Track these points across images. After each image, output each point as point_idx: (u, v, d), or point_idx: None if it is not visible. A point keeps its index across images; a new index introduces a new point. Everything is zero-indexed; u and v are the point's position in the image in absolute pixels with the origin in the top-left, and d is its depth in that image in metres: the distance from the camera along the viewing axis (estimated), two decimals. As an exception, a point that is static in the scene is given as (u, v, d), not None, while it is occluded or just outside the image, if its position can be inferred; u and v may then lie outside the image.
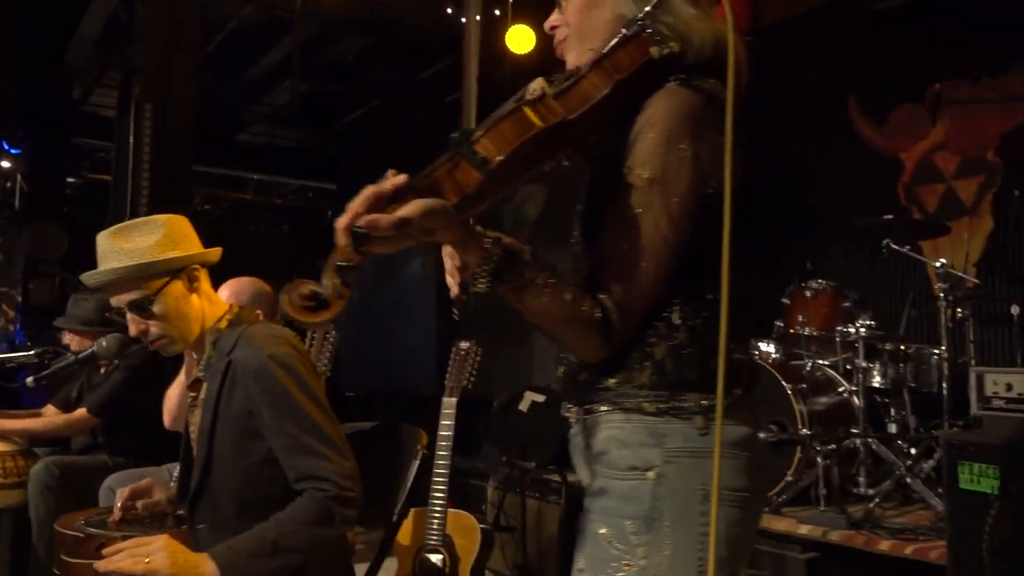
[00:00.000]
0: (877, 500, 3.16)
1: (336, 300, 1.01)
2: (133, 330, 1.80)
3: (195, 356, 1.87)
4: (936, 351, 3.34)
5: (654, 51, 1.12)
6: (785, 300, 3.74)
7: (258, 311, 3.12)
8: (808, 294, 3.61)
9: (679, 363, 1.11)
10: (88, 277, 1.79)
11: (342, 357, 6.97)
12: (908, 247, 3.38)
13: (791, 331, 3.62)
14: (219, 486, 1.76)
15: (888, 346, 3.51)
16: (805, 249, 4.37)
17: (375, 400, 6.32)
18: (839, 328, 3.49)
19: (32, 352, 2.12)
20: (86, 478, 3.30)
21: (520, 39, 5.33)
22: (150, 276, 1.77)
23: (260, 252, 13.23)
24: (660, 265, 1.08)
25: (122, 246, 1.76)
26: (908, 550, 2.75)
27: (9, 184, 8.77)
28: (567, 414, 1.26)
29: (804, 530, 3.05)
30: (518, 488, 3.85)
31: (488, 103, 6.58)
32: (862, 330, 3.38)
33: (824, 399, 3.55)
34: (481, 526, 2.59)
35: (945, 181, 4.56)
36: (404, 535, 2.60)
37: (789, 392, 3.34)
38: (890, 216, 3.41)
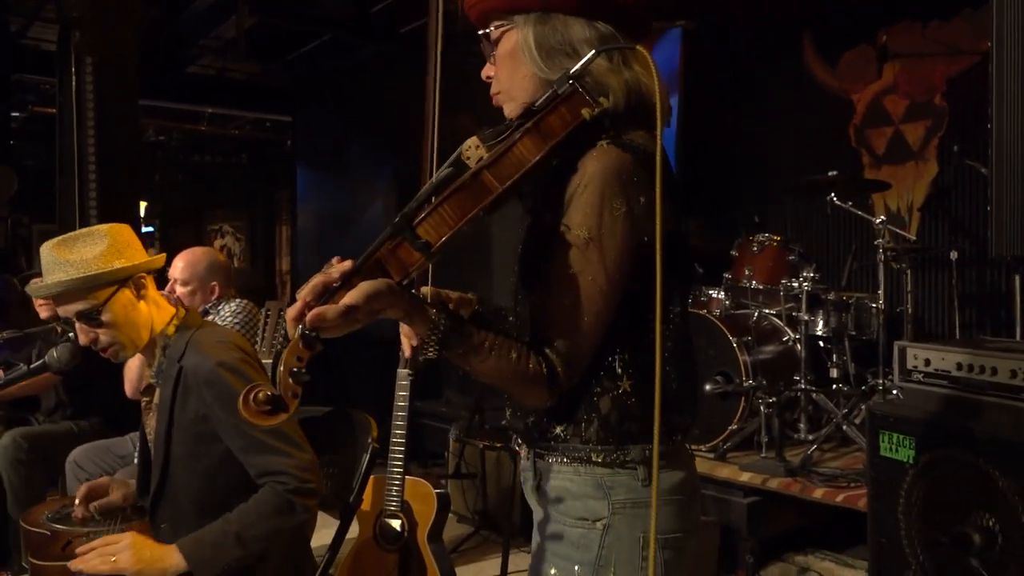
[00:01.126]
0: (815, 446, 3.34)
1: (291, 400, 1.06)
2: (83, 339, 1.83)
3: (146, 361, 1.92)
4: (875, 304, 3.48)
5: (586, 113, 1.14)
6: (733, 252, 3.84)
7: (214, 282, 3.15)
8: (755, 248, 3.71)
9: (623, 415, 1.19)
10: (35, 290, 1.81)
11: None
12: (851, 203, 3.47)
13: (739, 283, 3.74)
14: (178, 487, 1.84)
15: (831, 296, 3.65)
16: (753, 202, 4.45)
17: (339, 343, 6.39)
18: (784, 281, 3.61)
19: None
20: (54, 446, 3.38)
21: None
22: (97, 286, 1.79)
23: (220, 182, 13.01)
24: (599, 317, 1.15)
25: (67, 258, 1.78)
26: (839, 498, 2.95)
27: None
28: (517, 448, 1.35)
29: (745, 477, 3.24)
30: (478, 437, 3.99)
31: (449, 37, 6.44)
32: (806, 284, 3.50)
33: (769, 348, 3.70)
34: (437, 491, 2.72)
35: (893, 124, 4.63)
36: (364, 501, 2.72)
37: (734, 345, 3.48)
38: (834, 172, 3.49)
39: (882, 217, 3.36)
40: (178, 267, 3.09)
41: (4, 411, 3.63)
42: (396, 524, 2.67)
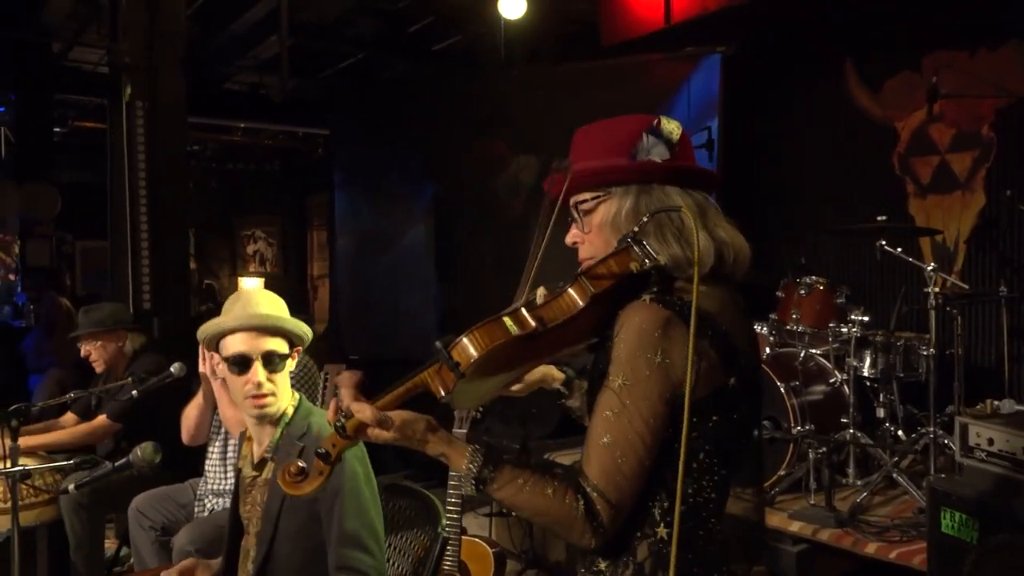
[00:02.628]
0: (865, 494, 3.33)
1: (316, 476, 1.21)
2: (252, 377, 1.91)
3: (263, 432, 1.99)
4: (925, 350, 3.45)
5: (633, 266, 1.22)
6: (779, 293, 3.83)
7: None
8: (802, 291, 3.69)
9: (657, 563, 1.23)
10: (244, 317, 1.93)
11: (344, 321, 7.07)
12: (900, 249, 3.45)
13: (785, 326, 3.73)
14: (281, 564, 1.90)
15: (879, 337, 3.62)
16: (798, 242, 4.43)
17: (377, 365, 6.46)
18: (831, 326, 3.59)
19: (73, 461, 2.22)
20: (114, 490, 3.44)
21: (512, 5, 5.23)
22: (290, 337, 1.96)
23: (252, 189, 13.13)
24: (638, 461, 1.19)
25: (267, 307, 1.96)
26: (892, 554, 2.93)
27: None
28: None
29: (795, 527, 3.24)
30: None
31: (483, 60, 6.48)
32: (855, 329, 3.48)
33: (817, 389, 3.69)
34: (494, 551, 2.76)
35: (939, 154, 4.58)
36: (422, 560, 2.77)
37: (783, 391, 3.47)
38: (883, 217, 3.47)
39: (933, 264, 3.33)
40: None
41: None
42: (454, 582, 2.71)
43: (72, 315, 7.32)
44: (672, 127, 1.33)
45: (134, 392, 2.88)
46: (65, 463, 2.19)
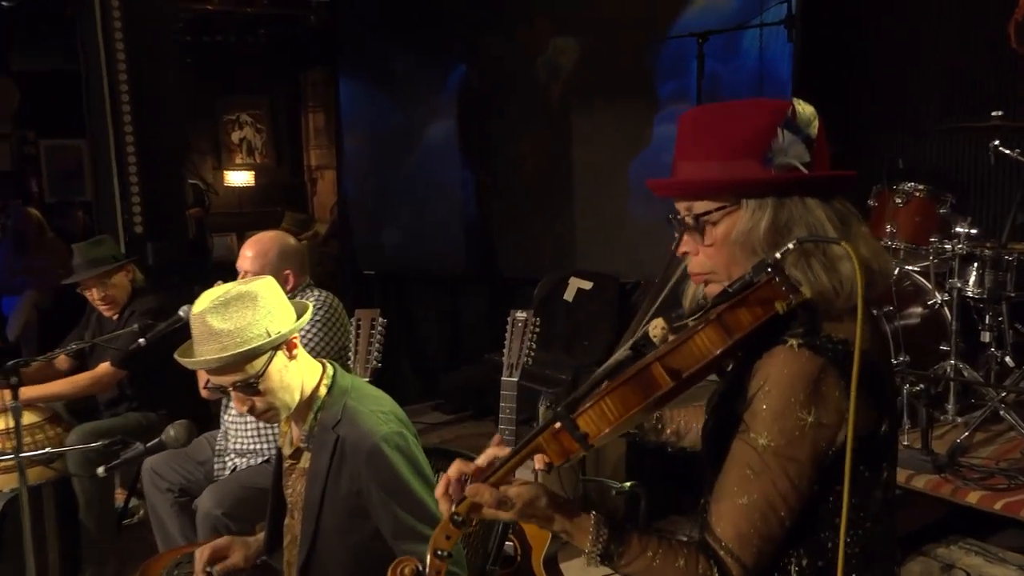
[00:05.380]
0: (966, 433, 3.40)
1: None
2: (239, 407, 1.98)
3: (295, 422, 2.07)
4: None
5: (779, 307, 1.20)
6: (871, 203, 3.80)
7: (287, 271, 3.25)
8: (898, 200, 3.65)
9: None
10: (192, 363, 1.92)
11: (356, 232, 7.10)
12: (1018, 150, 3.40)
13: (879, 242, 3.72)
14: (327, 558, 2.03)
15: (988, 251, 3.57)
16: (894, 140, 4.33)
17: (396, 281, 6.49)
18: (933, 240, 3.58)
19: (101, 443, 2.33)
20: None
21: None
22: (254, 357, 1.91)
23: (235, 66, 12.90)
24: (779, 523, 1.24)
25: (221, 327, 1.86)
26: (998, 505, 3.03)
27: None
28: None
29: (887, 473, 3.34)
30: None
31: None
32: (960, 246, 3.47)
33: (913, 311, 3.72)
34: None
35: (1066, 21, 4.43)
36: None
37: (873, 314, 3.51)
38: (998, 112, 3.40)
39: (1058, 167, 3.29)
40: (247, 257, 3.17)
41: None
42: (508, 547, 2.85)
43: (44, 227, 7.41)
44: (808, 114, 1.29)
45: (141, 341, 2.97)
46: (95, 445, 2.30)
